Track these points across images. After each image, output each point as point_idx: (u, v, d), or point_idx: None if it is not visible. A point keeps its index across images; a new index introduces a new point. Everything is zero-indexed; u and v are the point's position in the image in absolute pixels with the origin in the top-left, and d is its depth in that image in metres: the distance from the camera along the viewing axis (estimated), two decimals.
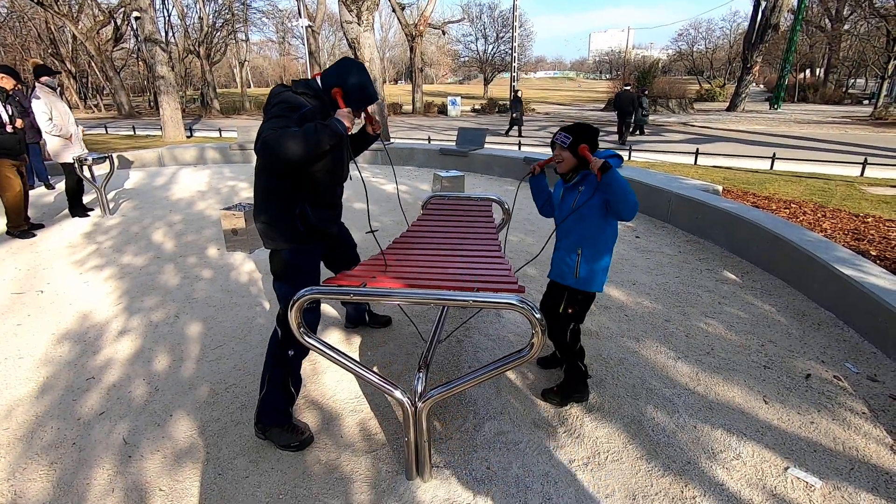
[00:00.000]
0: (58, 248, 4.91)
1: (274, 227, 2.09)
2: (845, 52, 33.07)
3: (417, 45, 28.37)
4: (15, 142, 4.79)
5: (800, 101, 31.27)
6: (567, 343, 2.36)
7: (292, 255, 2.15)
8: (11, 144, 4.77)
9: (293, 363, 2.18)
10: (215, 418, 2.39)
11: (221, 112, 29.13)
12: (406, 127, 20.57)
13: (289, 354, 2.13)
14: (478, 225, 2.90)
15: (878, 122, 18.93)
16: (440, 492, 1.95)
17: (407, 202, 6.56)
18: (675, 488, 1.96)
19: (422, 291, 1.74)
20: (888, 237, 4.80)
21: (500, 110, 28.88)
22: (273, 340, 2.17)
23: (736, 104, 24.37)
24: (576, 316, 2.32)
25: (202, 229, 5.46)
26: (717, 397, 2.51)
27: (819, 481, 1.98)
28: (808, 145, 12.49)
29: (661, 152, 11.80)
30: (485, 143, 9.19)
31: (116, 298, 3.73)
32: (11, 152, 4.81)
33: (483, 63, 44.24)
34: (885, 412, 2.38)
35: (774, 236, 3.99)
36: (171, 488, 1.99)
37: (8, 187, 4.89)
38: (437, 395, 1.87)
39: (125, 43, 30.62)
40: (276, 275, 2.21)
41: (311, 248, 2.20)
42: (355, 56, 10.66)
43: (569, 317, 2.32)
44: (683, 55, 50.36)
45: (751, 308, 3.45)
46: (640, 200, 5.70)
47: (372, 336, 3.14)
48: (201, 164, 10.18)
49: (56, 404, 2.52)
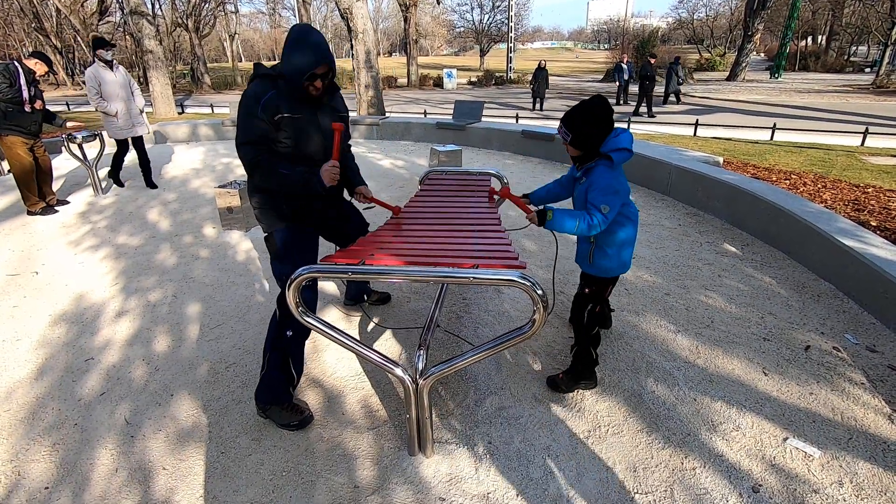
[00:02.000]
0: (52, 228, 4.85)
1: (264, 211, 2.19)
2: (848, 19, 32.39)
3: (412, 15, 27.65)
4: (31, 121, 4.96)
5: (801, 69, 30.79)
6: (585, 325, 2.28)
7: (285, 235, 2.20)
8: (27, 123, 4.93)
9: (293, 344, 2.17)
10: (216, 397, 2.39)
11: (213, 87, 28.55)
12: (401, 101, 20.24)
13: (287, 335, 2.12)
14: (477, 200, 2.86)
15: (879, 90, 18.69)
16: (442, 467, 1.96)
17: (404, 178, 6.48)
18: (676, 460, 1.98)
19: (421, 269, 1.71)
20: (888, 207, 4.77)
21: (497, 83, 28.38)
22: (273, 321, 2.17)
23: (736, 73, 24.00)
24: (593, 297, 2.25)
25: (197, 208, 5.40)
26: (716, 370, 2.52)
27: (818, 451, 2.00)
28: (808, 115, 12.34)
29: (660, 123, 11.66)
30: (482, 116, 9.04)
31: (113, 279, 3.70)
32: (26, 131, 4.95)
33: (479, 34, 43.29)
34: (883, 382, 2.40)
35: (775, 208, 3.95)
36: (175, 467, 2.00)
37: (18, 164, 4.99)
38: (438, 372, 1.86)
39: (111, 16, 29.70)
40: (272, 255, 2.26)
41: (302, 227, 2.24)
42: (348, 28, 10.38)
43: (586, 297, 2.27)
44: (683, 23, 49.26)
45: (751, 280, 3.44)
46: (641, 173, 5.73)
47: (371, 313, 3.13)
48: (194, 140, 10.02)
49: (56, 386, 2.52)
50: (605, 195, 1.95)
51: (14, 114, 4.80)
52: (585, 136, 2.01)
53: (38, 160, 5.14)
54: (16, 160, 4.95)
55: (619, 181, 2.01)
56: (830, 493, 1.82)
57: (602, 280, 2.24)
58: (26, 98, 4.82)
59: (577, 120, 2.00)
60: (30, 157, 5.03)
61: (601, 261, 2.17)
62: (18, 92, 4.74)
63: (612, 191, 1.96)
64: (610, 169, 2.00)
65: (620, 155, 1.98)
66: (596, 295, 2.26)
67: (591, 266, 2.21)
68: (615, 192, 1.96)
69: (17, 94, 4.74)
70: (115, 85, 5.43)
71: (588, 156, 2.06)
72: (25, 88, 4.80)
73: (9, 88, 4.68)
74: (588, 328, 2.29)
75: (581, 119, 1.99)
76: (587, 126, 1.99)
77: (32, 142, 5.06)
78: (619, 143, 1.98)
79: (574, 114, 2.01)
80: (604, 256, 2.16)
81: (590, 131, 2.00)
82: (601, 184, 1.98)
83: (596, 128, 1.99)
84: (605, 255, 2.16)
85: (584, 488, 1.86)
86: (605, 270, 2.20)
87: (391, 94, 22.86)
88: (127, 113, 5.59)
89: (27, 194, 5.15)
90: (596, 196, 1.97)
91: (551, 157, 7.32)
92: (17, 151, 4.93)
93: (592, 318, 2.27)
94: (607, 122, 2.00)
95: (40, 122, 5.09)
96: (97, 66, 5.37)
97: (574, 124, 2.01)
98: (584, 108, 2.00)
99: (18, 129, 4.89)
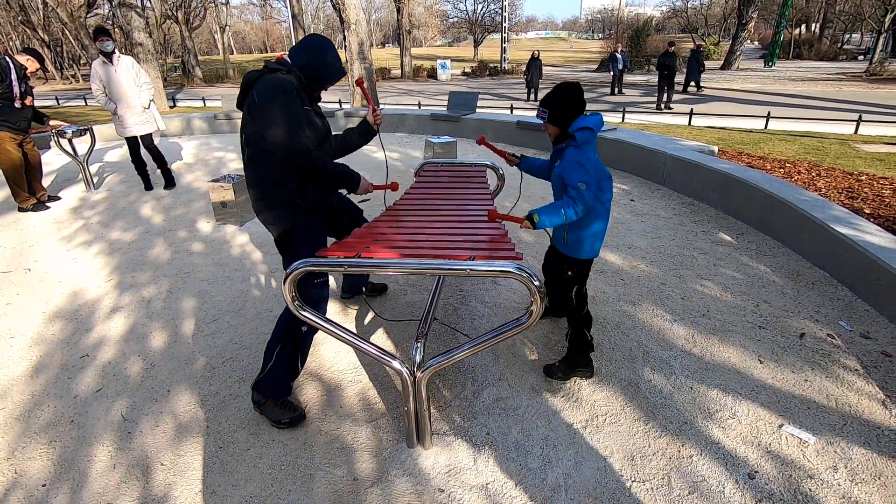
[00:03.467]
0: (44, 224, 4.80)
1: (278, 212, 2.11)
2: (841, 6, 32.35)
3: (405, 5, 27.39)
4: (20, 117, 4.89)
5: (794, 57, 30.77)
6: (573, 307, 2.33)
7: (302, 231, 2.16)
8: (17, 119, 4.87)
9: (306, 339, 2.17)
10: (214, 392, 2.39)
11: (204, 80, 28.23)
12: (395, 92, 20.11)
13: (302, 331, 2.12)
14: (472, 191, 2.84)
15: (872, 77, 18.71)
16: (441, 458, 1.97)
17: (398, 170, 6.45)
18: (672, 448, 1.99)
19: (417, 261, 1.70)
20: (882, 195, 4.79)
21: (491, 73, 28.22)
22: (285, 314, 2.14)
23: (730, 62, 23.94)
24: (575, 279, 2.30)
25: (191, 202, 5.35)
26: (712, 358, 2.53)
27: (813, 437, 2.02)
28: (802, 103, 12.35)
29: (655, 112, 11.63)
30: (476, 107, 8.99)
31: (107, 275, 3.67)
32: (15, 126, 4.88)
33: (472, 24, 42.96)
34: (877, 368, 2.42)
35: (770, 197, 3.96)
36: (174, 462, 2.00)
37: (7, 160, 4.90)
38: (436, 364, 1.86)
39: (99, 9, 29.23)
40: (285, 254, 2.25)
41: (317, 220, 2.23)
42: (340, 20, 10.27)
43: (570, 280, 2.30)
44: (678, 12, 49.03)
45: (746, 269, 3.46)
46: (637, 162, 5.73)
47: (369, 305, 3.12)
48: (187, 134, 9.92)
49: (52, 383, 2.51)
50: (577, 172, 2.05)
51: (3, 109, 4.73)
52: (560, 114, 2.13)
53: (27, 156, 5.07)
54: (4, 156, 4.88)
55: (587, 157, 2.09)
56: (825, 478, 1.84)
57: (579, 262, 2.28)
58: (16, 94, 4.73)
59: (553, 99, 2.14)
60: (19, 153, 4.96)
61: (574, 242, 2.23)
62: (9, 87, 4.66)
63: (580, 167, 2.05)
64: (577, 148, 2.10)
65: (583, 134, 2.08)
66: (577, 277, 2.31)
67: (566, 246, 2.27)
68: (584, 168, 2.05)
69: (8, 89, 4.66)
70: (113, 80, 5.11)
71: (561, 136, 2.17)
72: (16, 84, 4.72)
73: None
74: (577, 310, 2.34)
75: (557, 98, 2.14)
76: (561, 104, 2.13)
77: (21, 137, 4.99)
78: (584, 122, 2.10)
79: (551, 94, 2.16)
80: (577, 238, 2.22)
81: (563, 110, 2.13)
82: (569, 162, 2.09)
83: (567, 107, 2.12)
84: (577, 238, 2.22)
85: (582, 477, 1.87)
86: (579, 251, 2.24)
87: (385, 86, 22.70)
88: (129, 109, 5.23)
89: (17, 190, 5.09)
90: (569, 175, 2.06)
91: (546, 148, 7.30)
92: (5, 147, 4.85)
93: (580, 300, 2.33)
94: (580, 103, 2.14)
95: (30, 118, 5.02)
96: (99, 60, 5.09)
97: (551, 102, 2.14)
98: (560, 88, 2.15)
99: (7, 125, 4.82)
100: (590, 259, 2.30)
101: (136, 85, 5.26)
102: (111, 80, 5.12)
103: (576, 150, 2.09)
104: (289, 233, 2.15)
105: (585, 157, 2.07)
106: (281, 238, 2.20)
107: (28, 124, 5.02)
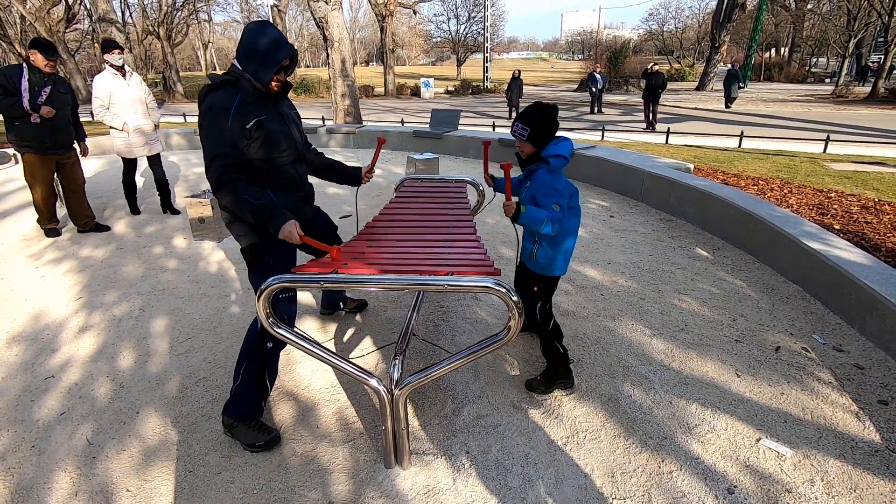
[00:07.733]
0: (11, 241, 4.65)
1: (242, 222, 2.03)
2: (808, 31, 33.81)
3: (388, 24, 27.75)
4: (45, 134, 4.19)
5: (765, 79, 31.95)
6: (540, 322, 2.36)
7: (265, 246, 2.08)
8: (32, 136, 4.16)
9: (271, 355, 2.11)
10: (185, 414, 2.31)
11: (185, 96, 28.03)
12: (379, 109, 20.23)
13: (267, 347, 2.06)
14: (452, 207, 2.85)
15: (839, 99, 19.51)
16: (420, 478, 1.92)
17: (381, 186, 6.44)
18: (653, 464, 1.98)
19: (396, 277, 1.69)
20: (850, 211, 4.94)
21: (474, 91, 28.64)
22: (251, 331, 2.09)
23: (705, 83, 24.73)
24: (541, 295, 2.32)
25: (167, 218, 5.25)
26: (691, 372, 2.54)
27: (789, 451, 2.03)
28: (774, 123, 12.78)
29: (633, 132, 11.90)
30: (459, 124, 9.08)
31: (76, 293, 3.56)
32: (36, 146, 4.23)
33: (455, 44, 43.73)
34: (850, 381, 2.46)
35: (745, 213, 4.05)
36: (140, 488, 1.91)
37: (32, 185, 4.40)
38: (415, 381, 1.83)
39: (79, 24, 28.99)
40: (251, 267, 2.15)
41: None
42: (324, 37, 10.34)
43: (535, 295, 2.33)
44: (654, 35, 50.74)
45: (722, 284, 3.51)
46: (616, 179, 5.82)
47: (347, 322, 3.07)
48: (166, 150, 9.78)
49: (12, 406, 2.39)
50: (552, 196, 2.09)
51: (22, 128, 4.13)
52: (539, 133, 2.15)
53: (66, 178, 4.54)
54: (29, 182, 4.37)
55: (560, 181, 2.15)
56: (803, 491, 1.85)
57: (545, 278, 2.30)
58: (27, 107, 4.05)
59: (534, 116, 2.16)
60: (47, 176, 4.40)
61: (543, 259, 2.25)
62: (17, 102, 4.02)
63: (555, 191, 2.11)
64: (549, 172, 2.14)
65: (557, 161, 2.14)
66: (542, 292, 2.33)
67: (534, 264, 2.28)
68: (558, 192, 2.11)
69: (16, 105, 4.02)
70: (128, 97, 4.71)
71: (533, 157, 2.20)
72: (26, 95, 4.03)
73: (4, 98, 4.00)
74: (544, 324, 2.35)
75: (541, 119, 2.15)
76: (541, 123, 2.15)
77: (52, 157, 4.35)
78: (559, 149, 2.15)
79: (531, 111, 2.18)
80: (546, 255, 2.24)
81: (543, 129, 2.15)
82: (545, 186, 2.12)
83: (546, 126, 2.15)
84: (546, 255, 2.24)
85: (562, 496, 1.85)
86: (549, 269, 2.26)
87: (368, 103, 22.82)
88: (138, 128, 4.84)
89: (40, 214, 4.63)
90: (544, 198, 2.10)
91: None
92: (29, 171, 4.32)
93: (545, 315, 2.35)
94: (555, 125, 2.19)
95: (62, 130, 4.32)
96: (108, 73, 4.61)
97: (531, 120, 2.15)
98: (540, 108, 2.16)
99: (29, 147, 4.20)
100: (558, 276, 2.32)
101: (146, 103, 4.93)
102: (123, 95, 4.69)
103: (549, 175, 2.14)
104: (255, 245, 2.08)
105: (559, 181, 2.14)
106: (247, 250, 2.11)
107: (62, 139, 4.34)
